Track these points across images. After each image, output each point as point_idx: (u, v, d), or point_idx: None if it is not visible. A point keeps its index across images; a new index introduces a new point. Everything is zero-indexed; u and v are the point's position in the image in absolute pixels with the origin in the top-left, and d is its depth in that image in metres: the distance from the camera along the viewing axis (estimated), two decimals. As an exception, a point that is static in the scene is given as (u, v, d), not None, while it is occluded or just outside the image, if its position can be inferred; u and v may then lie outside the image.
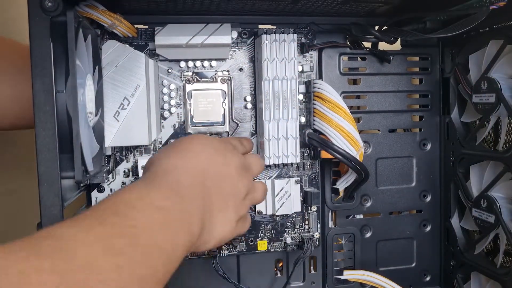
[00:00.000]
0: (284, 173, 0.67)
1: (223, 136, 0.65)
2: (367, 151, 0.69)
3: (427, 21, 0.66)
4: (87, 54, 0.49)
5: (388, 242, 0.72)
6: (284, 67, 0.62)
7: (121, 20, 0.57)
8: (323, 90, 0.63)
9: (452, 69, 0.69)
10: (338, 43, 0.67)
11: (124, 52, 0.57)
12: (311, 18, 0.66)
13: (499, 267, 0.62)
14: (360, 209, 0.70)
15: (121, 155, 0.63)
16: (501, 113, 0.60)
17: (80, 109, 0.44)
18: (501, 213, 0.59)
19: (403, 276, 0.72)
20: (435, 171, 0.72)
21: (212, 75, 0.65)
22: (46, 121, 0.43)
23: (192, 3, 0.57)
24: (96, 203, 0.52)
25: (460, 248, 0.69)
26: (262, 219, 0.67)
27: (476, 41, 0.64)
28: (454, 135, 0.69)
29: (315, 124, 0.64)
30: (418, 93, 0.71)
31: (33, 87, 0.42)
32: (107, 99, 0.56)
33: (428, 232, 0.73)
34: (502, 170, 0.60)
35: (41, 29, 0.42)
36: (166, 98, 0.64)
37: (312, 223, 0.68)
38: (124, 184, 0.63)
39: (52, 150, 0.43)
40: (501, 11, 0.55)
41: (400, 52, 0.69)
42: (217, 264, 0.64)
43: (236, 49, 0.65)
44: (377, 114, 0.70)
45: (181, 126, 0.64)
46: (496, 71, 0.59)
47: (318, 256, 0.70)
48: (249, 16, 0.65)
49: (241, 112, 0.66)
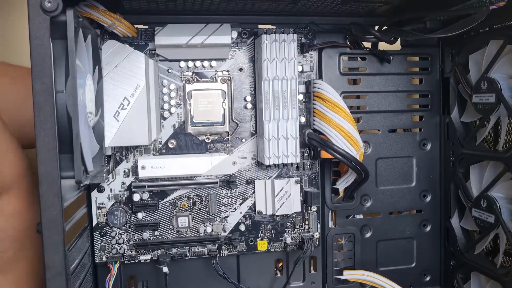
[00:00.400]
0: (284, 173, 0.67)
1: (223, 136, 0.65)
2: (367, 151, 0.69)
3: (427, 21, 0.66)
4: (87, 54, 0.49)
5: (388, 242, 0.72)
6: (284, 67, 0.62)
7: (121, 20, 0.57)
8: (323, 90, 0.63)
9: (452, 69, 0.69)
10: (338, 43, 0.67)
11: (124, 52, 0.57)
12: (311, 18, 0.66)
13: (499, 267, 0.62)
14: (360, 209, 0.70)
15: (121, 155, 0.63)
16: (501, 113, 0.60)
17: (80, 109, 0.44)
18: (501, 213, 0.59)
19: (403, 276, 0.72)
20: (435, 171, 0.72)
21: (212, 75, 0.65)
22: (46, 121, 0.43)
23: (192, 3, 0.57)
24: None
25: (460, 248, 0.69)
26: (262, 219, 0.67)
27: (476, 41, 0.64)
28: (454, 135, 0.69)
29: (315, 124, 0.64)
30: (418, 93, 0.71)
31: (33, 87, 0.42)
32: (107, 99, 0.56)
33: (428, 232, 0.73)
34: (502, 170, 0.60)
35: (41, 29, 0.42)
36: (166, 98, 0.64)
37: (312, 223, 0.68)
38: (124, 184, 0.63)
39: (52, 150, 0.43)
40: (501, 11, 0.55)
41: (400, 52, 0.69)
42: (217, 264, 0.64)
43: (236, 49, 0.65)
44: (377, 114, 0.70)
45: (181, 126, 0.64)
46: (496, 71, 0.59)
47: (318, 256, 0.70)
48: (249, 16, 0.65)
49: (241, 112, 0.66)
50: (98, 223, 0.63)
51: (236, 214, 0.66)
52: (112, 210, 0.63)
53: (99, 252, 0.63)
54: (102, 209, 0.63)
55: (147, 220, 0.64)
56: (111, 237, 0.63)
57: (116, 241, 0.63)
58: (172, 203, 0.65)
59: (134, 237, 0.64)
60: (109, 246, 0.63)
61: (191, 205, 0.65)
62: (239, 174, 0.66)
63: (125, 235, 0.64)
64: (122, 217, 0.63)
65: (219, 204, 0.66)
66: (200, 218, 0.66)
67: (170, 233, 0.65)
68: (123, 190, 0.63)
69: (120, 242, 0.63)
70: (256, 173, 0.66)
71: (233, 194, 0.66)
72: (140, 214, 0.64)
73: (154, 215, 0.64)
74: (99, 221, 0.63)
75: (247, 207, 0.67)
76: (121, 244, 0.64)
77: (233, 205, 0.66)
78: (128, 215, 0.63)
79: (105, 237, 0.63)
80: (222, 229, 0.66)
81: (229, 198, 0.66)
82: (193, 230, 0.65)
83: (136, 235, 0.64)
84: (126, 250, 0.64)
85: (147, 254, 0.64)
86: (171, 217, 0.65)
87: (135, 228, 0.64)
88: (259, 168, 0.66)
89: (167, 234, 0.65)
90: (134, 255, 0.64)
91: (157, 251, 0.65)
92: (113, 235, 0.63)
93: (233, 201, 0.66)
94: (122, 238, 0.63)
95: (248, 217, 0.67)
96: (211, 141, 0.65)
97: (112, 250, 0.63)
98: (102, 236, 0.63)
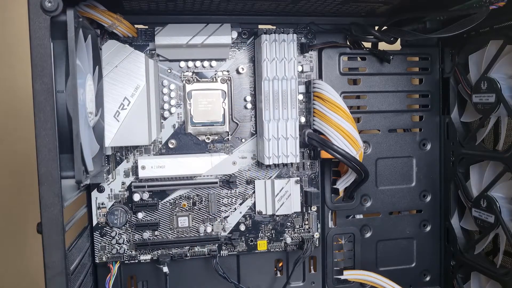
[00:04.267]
0: (284, 173, 0.67)
1: (223, 136, 0.65)
2: (367, 151, 0.69)
3: (427, 21, 0.66)
4: (87, 54, 0.49)
5: (388, 242, 0.72)
6: (284, 67, 0.62)
7: (121, 20, 0.57)
8: (323, 90, 0.63)
9: (452, 69, 0.69)
10: (338, 43, 0.67)
11: (124, 52, 0.57)
12: (311, 18, 0.66)
13: (499, 267, 0.62)
14: (360, 209, 0.70)
15: (121, 155, 0.63)
16: (501, 113, 0.60)
17: (80, 109, 0.44)
18: (501, 213, 0.59)
19: (403, 276, 0.72)
20: (435, 171, 0.72)
21: (212, 75, 0.65)
22: (46, 121, 0.43)
23: (192, 3, 0.57)
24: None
25: (460, 248, 0.69)
26: (262, 219, 0.67)
27: (476, 41, 0.64)
28: (454, 135, 0.69)
29: (315, 124, 0.64)
30: (418, 93, 0.71)
31: (33, 87, 0.42)
32: (107, 99, 0.56)
33: (428, 232, 0.73)
34: (502, 170, 0.60)
35: (41, 29, 0.42)
36: (166, 98, 0.64)
37: (312, 223, 0.68)
38: (124, 184, 0.63)
39: (52, 150, 0.43)
40: (501, 11, 0.55)
41: (400, 52, 0.69)
42: (217, 264, 0.65)
43: (236, 49, 0.65)
44: (377, 114, 0.70)
45: (181, 126, 0.64)
46: (496, 71, 0.59)
47: (318, 256, 0.70)
48: (249, 16, 0.65)
49: (241, 112, 0.66)
50: (98, 223, 0.63)
51: (236, 214, 0.66)
52: (112, 210, 0.63)
53: (99, 252, 0.63)
54: (102, 209, 0.63)
55: (147, 220, 0.64)
56: (111, 237, 0.63)
57: (116, 241, 0.63)
58: (172, 203, 0.65)
59: (134, 237, 0.64)
60: (109, 246, 0.64)
61: (191, 205, 0.65)
62: (239, 174, 0.66)
63: (125, 235, 0.64)
64: (122, 217, 0.63)
65: (219, 204, 0.66)
66: (200, 218, 0.66)
67: (170, 233, 0.65)
68: (123, 190, 0.63)
69: (120, 242, 0.63)
70: (256, 173, 0.67)
71: (233, 194, 0.66)
72: (140, 214, 0.64)
73: (154, 215, 0.64)
74: (99, 221, 0.63)
75: (247, 207, 0.67)
76: (121, 244, 0.64)
77: (233, 205, 0.66)
78: (128, 215, 0.63)
79: (105, 237, 0.63)
80: (222, 229, 0.66)
81: (229, 198, 0.66)
82: (193, 230, 0.65)
83: (136, 235, 0.64)
84: (126, 250, 0.64)
85: (147, 254, 0.64)
86: (171, 217, 0.65)
87: (135, 228, 0.64)
88: (259, 168, 0.66)
89: (167, 234, 0.65)
90: (134, 255, 0.64)
91: (157, 251, 0.65)
92: (113, 235, 0.63)
93: (233, 201, 0.66)
94: (122, 238, 0.63)
95: (248, 217, 0.67)
96: (211, 141, 0.65)
97: (112, 250, 0.63)
98: (102, 236, 0.63)
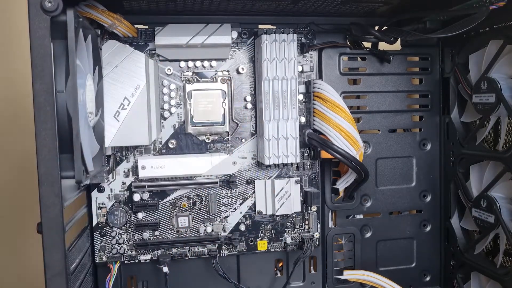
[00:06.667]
0: (284, 173, 0.67)
1: (223, 136, 0.65)
2: (367, 151, 0.69)
3: (427, 21, 0.66)
4: (87, 54, 0.49)
5: (388, 242, 0.72)
6: (284, 67, 0.62)
7: (121, 20, 0.57)
8: (323, 90, 0.63)
9: (452, 69, 0.69)
10: (338, 43, 0.67)
11: (124, 52, 0.57)
12: (311, 18, 0.66)
13: (499, 267, 0.62)
14: (360, 209, 0.70)
15: (121, 155, 0.63)
16: (501, 113, 0.60)
17: (80, 109, 0.44)
18: (501, 213, 0.59)
19: (403, 276, 0.72)
20: (435, 171, 0.72)
21: (212, 75, 0.65)
22: (46, 121, 0.43)
23: (192, 3, 0.57)
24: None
25: (460, 248, 0.69)
26: (262, 219, 0.67)
27: (476, 41, 0.64)
28: (454, 135, 0.69)
29: (315, 124, 0.64)
30: (418, 93, 0.71)
31: (33, 87, 0.42)
32: (107, 99, 0.56)
33: (428, 232, 0.73)
34: (502, 170, 0.60)
35: (41, 29, 0.42)
36: (166, 98, 0.64)
37: (312, 223, 0.68)
38: (124, 184, 0.63)
39: (52, 150, 0.43)
40: (501, 11, 0.55)
41: (400, 52, 0.70)
42: (217, 264, 0.65)
43: (236, 49, 0.65)
44: (377, 114, 0.70)
45: (181, 126, 0.64)
46: (496, 71, 0.60)
47: (318, 256, 0.70)
48: (249, 16, 0.65)
49: (241, 112, 0.66)
50: (98, 223, 0.63)
51: (236, 214, 0.66)
52: (112, 210, 0.63)
53: (99, 252, 0.63)
54: (102, 209, 0.63)
55: (147, 220, 0.64)
56: (111, 237, 0.63)
57: (116, 241, 0.63)
58: (172, 203, 0.65)
59: (134, 237, 0.64)
60: (109, 246, 0.64)
61: (191, 205, 0.65)
62: (239, 174, 0.66)
63: (125, 235, 0.64)
64: (122, 217, 0.63)
65: (219, 204, 0.66)
66: (200, 218, 0.66)
67: (170, 233, 0.65)
68: (123, 190, 0.63)
69: (120, 242, 0.63)
70: (256, 173, 0.67)
71: (233, 194, 0.66)
72: (140, 214, 0.64)
73: (154, 215, 0.64)
74: (99, 221, 0.63)
75: (247, 207, 0.67)
76: (121, 244, 0.64)
77: (233, 205, 0.66)
78: (128, 215, 0.63)
79: (105, 237, 0.63)
80: (222, 229, 0.66)
81: (229, 198, 0.66)
82: (193, 230, 0.65)
83: (136, 235, 0.64)
84: (126, 250, 0.64)
85: (147, 254, 0.64)
86: (171, 217, 0.65)
87: (135, 228, 0.64)
88: (259, 168, 0.66)
89: (167, 234, 0.65)
90: (134, 255, 0.64)
91: (157, 251, 0.65)
92: (113, 235, 0.63)
93: (233, 201, 0.66)
94: (122, 238, 0.63)
95: (248, 217, 0.67)
96: (211, 141, 0.65)
97: (112, 250, 0.63)
98: (102, 236, 0.63)
